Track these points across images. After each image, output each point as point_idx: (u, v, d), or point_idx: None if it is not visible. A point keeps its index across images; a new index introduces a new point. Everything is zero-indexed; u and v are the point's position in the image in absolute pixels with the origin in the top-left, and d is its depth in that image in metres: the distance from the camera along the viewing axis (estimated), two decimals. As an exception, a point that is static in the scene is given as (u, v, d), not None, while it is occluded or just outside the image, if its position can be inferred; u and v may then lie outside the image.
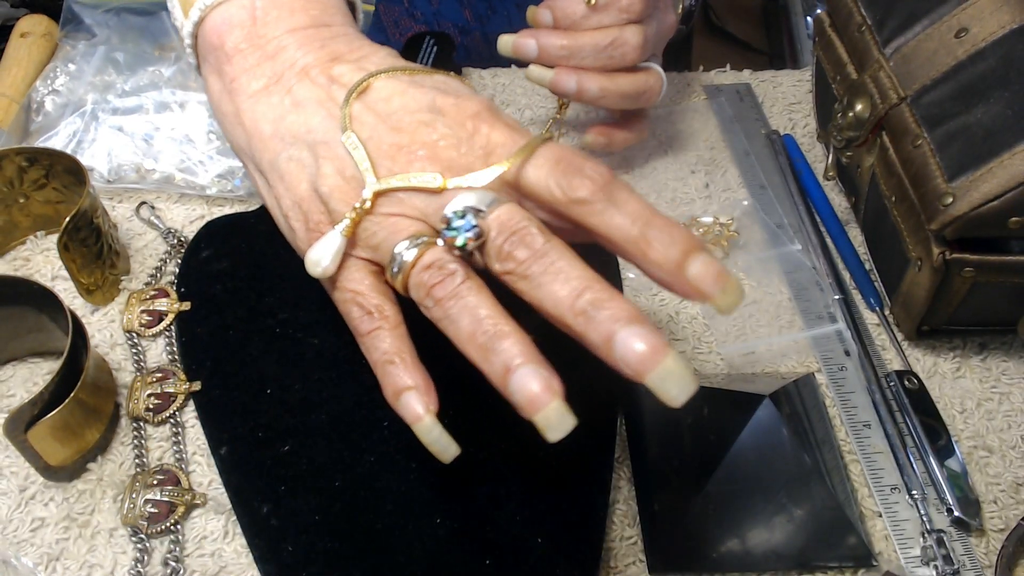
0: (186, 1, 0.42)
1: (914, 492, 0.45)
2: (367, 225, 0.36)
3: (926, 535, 0.43)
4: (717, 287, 0.32)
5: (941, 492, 0.45)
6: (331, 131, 0.37)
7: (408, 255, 0.35)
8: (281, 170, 0.39)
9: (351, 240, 0.36)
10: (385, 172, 0.36)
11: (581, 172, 0.34)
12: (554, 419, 0.32)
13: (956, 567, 0.42)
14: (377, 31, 0.75)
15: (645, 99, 0.56)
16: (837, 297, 0.54)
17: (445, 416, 0.45)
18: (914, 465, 0.46)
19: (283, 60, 0.40)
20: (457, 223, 0.34)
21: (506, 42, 0.55)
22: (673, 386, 0.31)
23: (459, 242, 0.33)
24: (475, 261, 0.34)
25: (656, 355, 0.30)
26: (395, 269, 0.35)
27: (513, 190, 0.36)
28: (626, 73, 0.54)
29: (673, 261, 0.32)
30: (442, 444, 0.35)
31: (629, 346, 0.31)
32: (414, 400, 0.35)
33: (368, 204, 0.35)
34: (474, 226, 0.33)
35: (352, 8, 0.45)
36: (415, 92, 0.37)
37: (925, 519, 0.44)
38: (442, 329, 0.34)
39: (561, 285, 0.33)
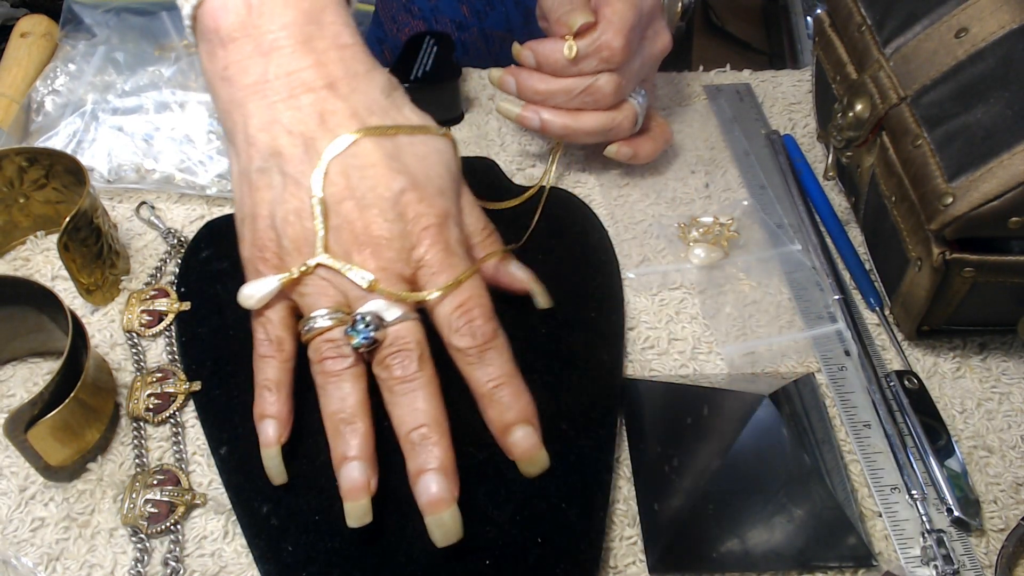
0: None
1: (914, 492, 0.45)
2: (302, 280, 0.41)
3: (926, 535, 0.43)
4: (525, 457, 0.40)
5: (941, 492, 0.45)
6: (305, 172, 0.40)
7: (320, 323, 0.40)
8: (252, 180, 0.42)
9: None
10: (334, 244, 0.40)
11: (471, 325, 0.40)
12: (358, 512, 0.39)
13: (956, 567, 0.42)
14: (375, 26, 0.75)
15: (613, 135, 0.57)
16: (837, 297, 0.54)
17: (447, 418, 0.45)
18: (914, 465, 0.46)
19: (277, 64, 0.41)
20: (360, 327, 0.39)
21: (493, 76, 0.57)
22: (439, 533, 0.38)
23: (354, 343, 0.39)
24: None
25: (440, 504, 0.38)
26: (307, 328, 0.41)
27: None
28: (592, 112, 0.55)
29: (502, 424, 0.40)
30: (277, 471, 0.41)
31: (427, 487, 0.38)
32: (272, 428, 0.41)
33: (311, 269, 0.40)
34: (370, 337, 0.39)
35: None
36: (389, 176, 0.41)
37: (925, 519, 0.44)
38: (317, 391, 0.41)
39: (408, 411, 0.39)
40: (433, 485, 0.38)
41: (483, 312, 0.41)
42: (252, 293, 0.42)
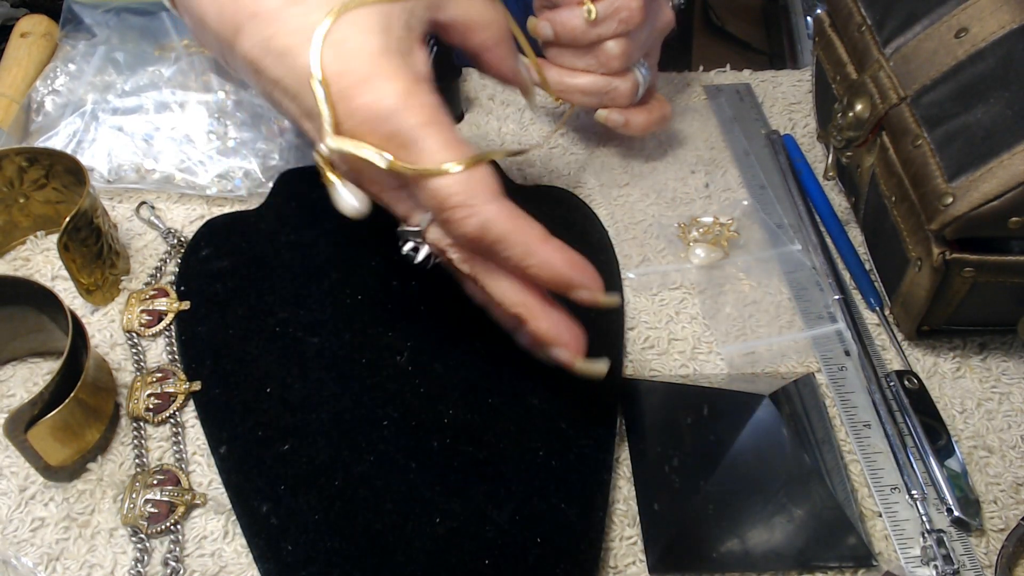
0: None
1: (914, 492, 0.45)
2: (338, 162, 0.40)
3: (926, 535, 0.43)
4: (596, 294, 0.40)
5: (941, 492, 0.45)
6: (300, 92, 0.39)
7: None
8: (277, 101, 0.41)
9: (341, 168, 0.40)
10: (343, 116, 0.38)
11: (457, 234, 0.38)
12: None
13: (956, 567, 0.42)
14: None
15: (609, 100, 0.57)
16: (837, 297, 0.54)
17: (445, 416, 0.45)
18: (914, 465, 0.46)
19: None
20: (409, 251, 0.40)
21: (532, 22, 0.57)
22: (588, 377, 0.40)
23: (418, 260, 0.40)
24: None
25: (570, 365, 0.40)
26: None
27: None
28: (589, 73, 0.56)
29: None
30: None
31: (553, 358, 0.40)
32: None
33: (327, 154, 0.39)
34: (424, 256, 0.40)
35: None
36: (361, 42, 0.38)
37: (925, 519, 0.44)
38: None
39: (495, 298, 0.40)
40: (555, 357, 0.40)
41: (470, 213, 0.38)
42: (341, 208, 0.40)
